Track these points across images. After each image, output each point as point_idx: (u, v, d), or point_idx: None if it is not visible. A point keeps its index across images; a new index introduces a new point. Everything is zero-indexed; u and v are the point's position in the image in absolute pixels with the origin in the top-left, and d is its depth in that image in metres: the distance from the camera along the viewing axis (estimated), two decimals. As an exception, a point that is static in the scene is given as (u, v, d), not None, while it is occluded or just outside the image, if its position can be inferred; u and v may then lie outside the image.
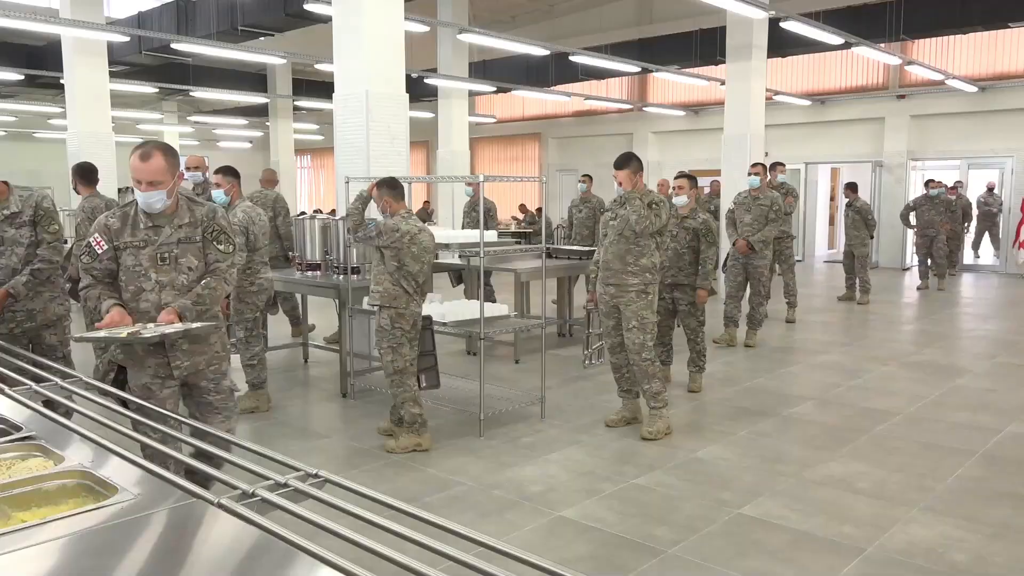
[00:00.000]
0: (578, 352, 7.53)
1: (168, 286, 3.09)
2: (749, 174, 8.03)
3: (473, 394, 5.45)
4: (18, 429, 2.17)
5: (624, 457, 4.67)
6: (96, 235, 3.07)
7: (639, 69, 13.57)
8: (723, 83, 11.93)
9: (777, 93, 15.08)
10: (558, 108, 20.27)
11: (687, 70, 14.00)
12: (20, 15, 8.82)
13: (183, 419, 2.49)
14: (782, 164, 9.66)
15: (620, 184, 4.98)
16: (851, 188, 10.82)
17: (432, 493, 4.11)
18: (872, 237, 10.78)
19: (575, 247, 8.54)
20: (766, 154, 11.69)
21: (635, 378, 5.10)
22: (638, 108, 18.30)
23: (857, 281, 10.75)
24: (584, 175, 9.78)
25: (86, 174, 6.30)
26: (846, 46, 11.20)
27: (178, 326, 2.93)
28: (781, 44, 11.79)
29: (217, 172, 5.78)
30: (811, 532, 3.66)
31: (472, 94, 16.21)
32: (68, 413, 2.44)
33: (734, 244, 7.76)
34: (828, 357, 7.45)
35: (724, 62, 11.65)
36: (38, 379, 2.84)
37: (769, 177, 9.60)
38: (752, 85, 11.20)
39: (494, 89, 15.44)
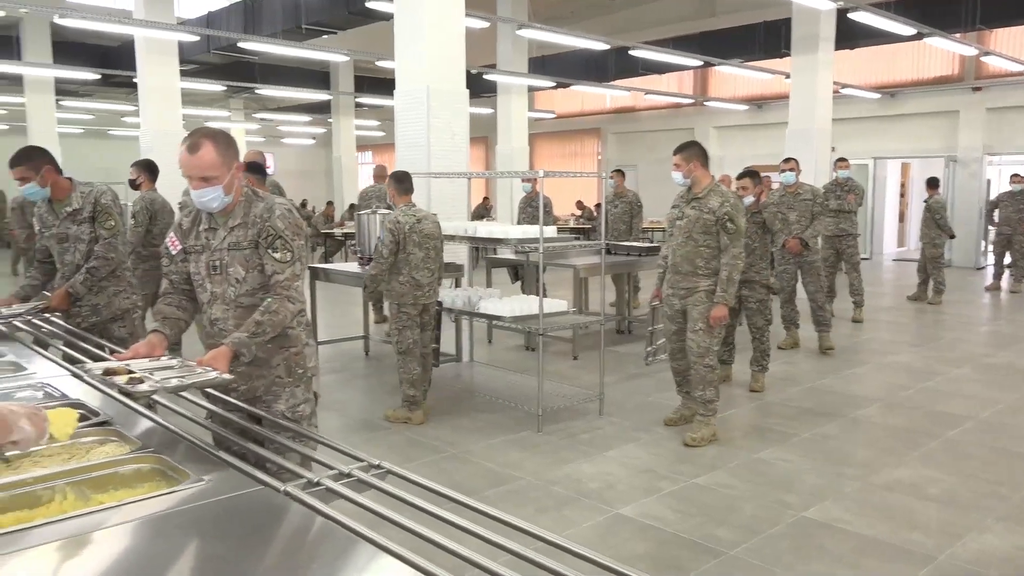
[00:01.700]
0: (637, 349, 7.47)
1: (219, 299, 2.64)
2: (782, 171, 7.77)
3: (531, 389, 5.45)
4: (96, 415, 2.25)
5: (683, 456, 4.61)
6: (171, 234, 2.74)
7: (701, 63, 13.36)
8: (788, 76, 11.66)
9: (844, 86, 14.66)
10: (617, 103, 20.11)
11: (750, 63, 13.72)
12: (96, 16, 9.16)
13: (254, 411, 2.55)
14: (844, 160, 9.38)
15: (676, 168, 4.77)
16: (930, 184, 10.42)
17: (490, 487, 4.12)
18: (952, 236, 10.34)
19: (634, 243, 8.47)
20: (832, 149, 11.38)
21: (692, 382, 4.93)
22: (699, 103, 18.03)
23: (931, 281, 10.39)
24: (615, 170, 9.67)
25: (154, 169, 6.52)
26: (918, 37, 10.81)
27: (211, 375, 2.29)
28: (849, 35, 11.44)
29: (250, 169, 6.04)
30: (878, 538, 3.55)
31: (531, 90, 16.19)
32: (151, 405, 2.51)
33: (783, 245, 7.46)
34: (897, 358, 7.23)
35: (789, 55, 11.38)
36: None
37: (835, 173, 9.35)
38: (818, 78, 10.91)
39: (553, 84, 15.38)
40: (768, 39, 12.78)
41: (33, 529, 1.63)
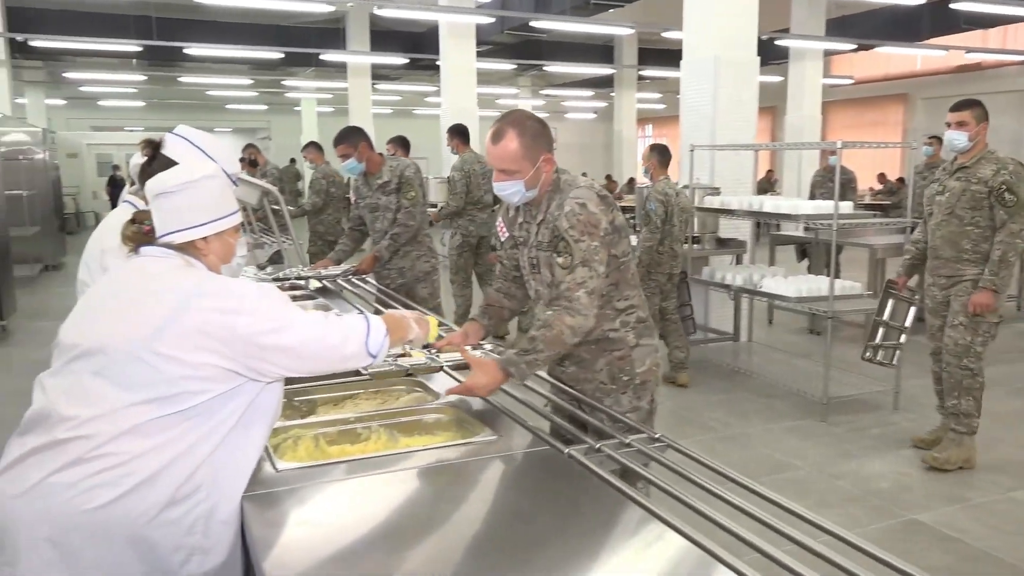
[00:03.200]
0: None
1: (541, 299, 2.38)
2: None
3: (815, 376, 5.13)
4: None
5: (998, 465, 4.05)
6: (500, 219, 2.52)
7: (1047, 11, 11.42)
8: None
9: None
10: (930, 64, 17.92)
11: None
12: (408, 5, 10.08)
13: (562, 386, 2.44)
14: None
15: (957, 126, 3.89)
16: None
17: (766, 473, 3.95)
18: None
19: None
20: None
21: (945, 388, 4.12)
22: (1037, 59, 15.48)
23: None
24: (932, 137, 8.52)
25: (407, 144, 7.14)
26: None
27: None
28: None
29: (390, 142, 7.06)
30: None
31: (827, 54, 14.99)
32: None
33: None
34: None
35: None
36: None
37: None
38: None
39: (853, 47, 14.10)
40: None
41: (353, 461, 1.87)
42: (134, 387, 1.56)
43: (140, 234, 1.76)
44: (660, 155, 5.36)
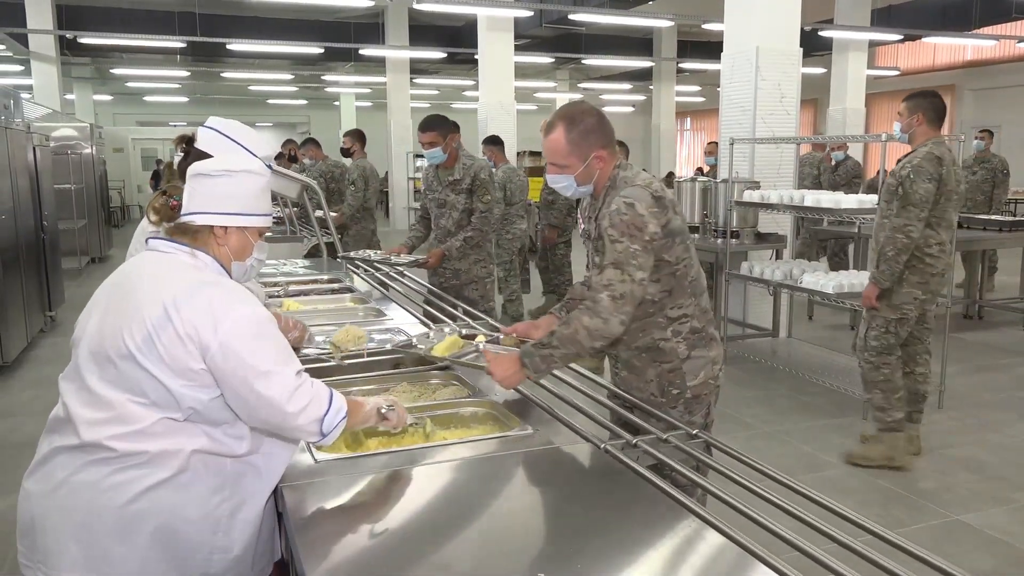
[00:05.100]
0: (989, 338, 6.56)
1: None
2: None
3: (855, 373, 5.03)
4: (443, 360, 2.52)
5: (1046, 466, 3.96)
6: (580, 209, 2.44)
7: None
8: None
9: None
10: (980, 54, 17.44)
11: None
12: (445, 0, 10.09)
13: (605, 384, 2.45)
14: None
15: (897, 117, 4.05)
16: None
17: (805, 472, 3.90)
18: None
19: (992, 216, 7.37)
20: None
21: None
22: (1094, 49, 14.96)
23: None
24: (983, 131, 8.33)
25: (363, 138, 7.25)
26: None
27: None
28: None
29: (485, 142, 7.11)
30: None
31: (872, 44, 14.67)
32: None
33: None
34: None
35: None
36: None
37: None
38: None
39: (900, 38, 13.78)
40: None
41: (391, 454, 1.89)
42: (135, 391, 1.56)
43: (166, 208, 1.74)
44: (626, 152, 5.24)
